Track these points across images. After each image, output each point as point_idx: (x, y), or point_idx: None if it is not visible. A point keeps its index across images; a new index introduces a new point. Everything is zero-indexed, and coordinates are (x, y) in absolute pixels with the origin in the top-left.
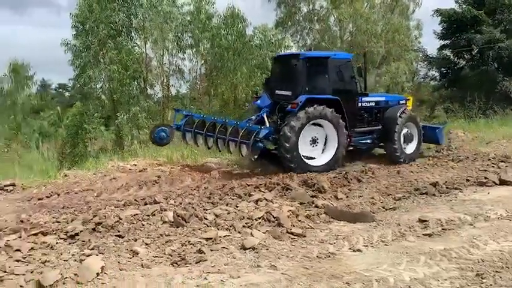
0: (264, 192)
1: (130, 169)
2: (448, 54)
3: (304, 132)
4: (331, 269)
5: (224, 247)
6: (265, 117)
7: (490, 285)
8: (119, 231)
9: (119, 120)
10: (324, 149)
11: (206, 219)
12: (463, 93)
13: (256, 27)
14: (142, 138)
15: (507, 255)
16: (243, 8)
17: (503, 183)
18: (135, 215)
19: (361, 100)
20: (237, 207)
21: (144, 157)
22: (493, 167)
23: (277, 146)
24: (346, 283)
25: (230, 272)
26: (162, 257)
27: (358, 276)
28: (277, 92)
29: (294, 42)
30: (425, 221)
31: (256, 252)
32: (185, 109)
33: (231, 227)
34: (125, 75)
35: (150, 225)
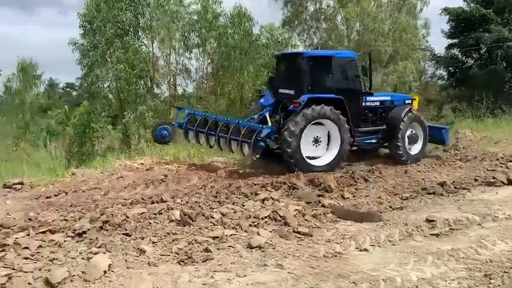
0: (270, 192)
1: (137, 168)
2: (456, 53)
3: (305, 133)
4: (337, 268)
5: (231, 246)
6: (267, 116)
7: (498, 285)
8: (126, 230)
9: (126, 119)
10: (327, 148)
11: (213, 218)
12: (471, 92)
13: (263, 26)
14: (149, 137)
15: None
16: (250, 7)
17: None
18: (142, 214)
19: (366, 99)
20: (244, 206)
21: (151, 156)
22: (501, 166)
23: (280, 148)
24: (353, 283)
25: (237, 270)
26: (169, 256)
27: (365, 276)
28: (280, 90)
29: (300, 41)
30: (432, 220)
31: (263, 251)
32: (188, 107)
33: (237, 225)
34: (131, 74)
35: (157, 223)
